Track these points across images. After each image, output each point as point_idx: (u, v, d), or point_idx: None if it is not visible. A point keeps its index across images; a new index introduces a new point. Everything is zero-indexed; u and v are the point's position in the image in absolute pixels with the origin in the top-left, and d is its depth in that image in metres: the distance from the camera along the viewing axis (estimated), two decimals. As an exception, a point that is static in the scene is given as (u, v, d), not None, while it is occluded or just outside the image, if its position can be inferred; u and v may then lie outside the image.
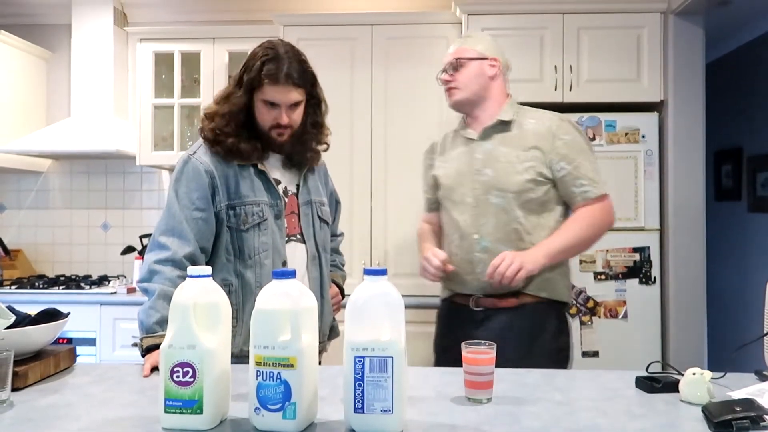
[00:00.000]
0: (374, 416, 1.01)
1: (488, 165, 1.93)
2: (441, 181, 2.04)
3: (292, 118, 1.67)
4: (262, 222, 1.67)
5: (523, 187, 1.89)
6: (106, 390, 1.28)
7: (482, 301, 1.91)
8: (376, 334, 1.03)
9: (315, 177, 1.85)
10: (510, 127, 1.96)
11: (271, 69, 1.62)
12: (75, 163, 3.75)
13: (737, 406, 1.07)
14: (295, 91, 1.65)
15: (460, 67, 1.98)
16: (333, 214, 1.95)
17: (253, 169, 1.69)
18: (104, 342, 3.05)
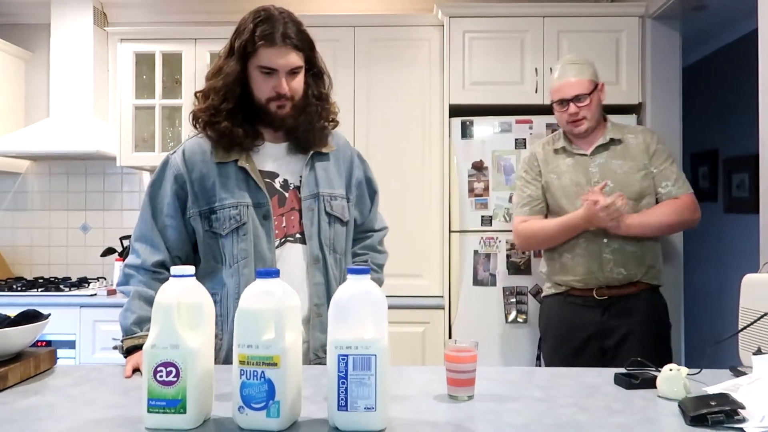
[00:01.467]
0: (358, 414, 1.02)
1: (606, 177, 2.25)
2: (556, 191, 2.32)
3: (292, 87, 1.52)
4: (240, 226, 1.52)
5: (639, 194, 2.25)
6: (87, 391, 1.27)
7: (605, 291, 2.24)
8: (359, 332, 1.03)
9: (328, 164, 1.63)
10: (616, 143, 2.30)
11: (266, 29, 1.47)
12: (54, 164, 3.71)
13: (712, 401, 1.09)
14: (294, 53, 1.49)
15: (584, 99, 2.25)
16: (369, 206, 1.75)
17: (234, 166, 1.54)
18: (84, 344, 3.03)
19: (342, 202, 1.63)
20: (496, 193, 2.91)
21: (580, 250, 2.26)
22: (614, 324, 2.24)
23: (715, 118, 4.21)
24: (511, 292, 2.89)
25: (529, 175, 2.39)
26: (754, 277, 1.53)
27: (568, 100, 2.27)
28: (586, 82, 2.27)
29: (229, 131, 1.51)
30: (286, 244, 1.56)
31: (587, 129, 2.29)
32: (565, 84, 2.27)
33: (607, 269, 2.23)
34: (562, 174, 2.32)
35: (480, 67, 3.01)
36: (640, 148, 2.29)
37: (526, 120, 2.92)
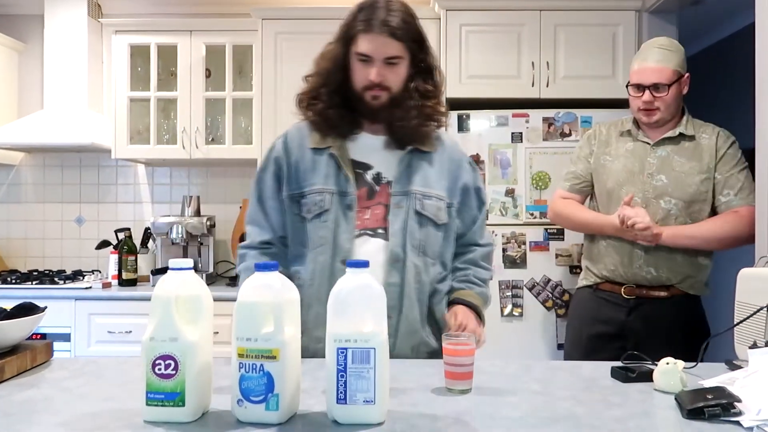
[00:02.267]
0: (357, 407, 1.02)
1: (662, 171, 2.11)
2: (606, 174, 2.19)
3: (386, 77, 1.47)
4: (323, 213, 1.50)
5: (693, 198, 2.10)
6: (84, 384, 1.27)
7: (634, 290, 2.13)
8: (358, 326, 1.04)
9: (428, 164, 1.56)
10: (687, 139, 2.14)
11: (366, 16, 1.45)
12: (48, 157, 3.69)
13: (709, 394, 1.10)
14: (392, 43, 1.44)
15: (662, 89, 2.09)
16: (474, 217, 1.65)
17: (327, 153, 1.53)
18: (79, 337, 3.02)
19: (437, 203, 1.55)
20: (492, 187, 2.91)
21: (613, 240, 2.16)
22: (638, 326, 2.14)
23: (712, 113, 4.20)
24: (507, 286, 2.89)
25: (583, 152, 2.29)
26: (749, 271, 1.54)
27: (645, 87, 2.10)
28: (669, 71, 2.09)
29: (324, 112, 1.52)
30: (362, 236, 1.51)
31: (658, 121, 2.13)
32: (646, 68, 2.10)
33: (636, 266, 2.12)
34: (618, 157, 2.19)
35: (477, 61, 3.00)
36: (710, 151, 2.12)
37: (522, 114, 2.92)
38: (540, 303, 2.89)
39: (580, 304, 2.31)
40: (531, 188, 2.91)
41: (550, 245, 2.90)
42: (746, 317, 1.39)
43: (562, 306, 2.88)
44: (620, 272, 2.16)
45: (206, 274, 3.29)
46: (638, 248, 2.11)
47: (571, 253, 2.90)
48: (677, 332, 2.11)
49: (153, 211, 3.64)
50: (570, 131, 2.92)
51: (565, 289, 2.90)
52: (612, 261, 2.17)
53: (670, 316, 2.12)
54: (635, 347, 2.02)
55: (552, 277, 2.89)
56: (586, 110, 2.94)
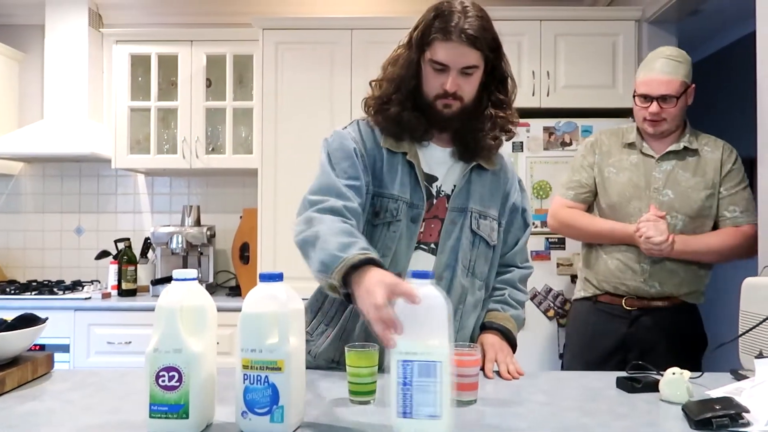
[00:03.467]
0: (421, 421, 1.00)
1: (668, 186, 2.11)
2: (611, 187, 2.18)
3: (461, 87, 1.39)
4: (393, 222, 1.42)
5: (698, 213, 2.10)
6: (86, 396, 1.26)
7: (635, 302, 2.13)
8: (422, 338, 1.01)
9: (488, 181, 1.50)
10: (690, 153, 2.13)
11: (443, 22, 1.36)
12: (48, 166, 3.68)
13: (716, 404, 1.09)
14: (470, 52, 1.36)
15: (670, 101, 2.07)
16: (517, 238, 1.59)
17: (402, 158, 1.44)
18: (78, 348, 3.00)
19: (492, 224, 1.50)
20: (493, 196, 2.91)
21: (618, 253, 2.13)
22: (640, 337, 2.12)
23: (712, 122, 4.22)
24: (508, 295, 2.88)
25: (586, 160, 2.25)
26: (754, 281, 1.53)
27: (653, 98, 2.07)
28: (677, 83, 2.06)
29: (398, 116, 1.43)
30: (417, 250, 1.45)
31: (663, 132, 2.12)
32: (654, 80, 2.07)
33: (640, 280, 2.11)
34: (622, 170, 2.16)
35: (477, 70, 3.00)
36: (714, 165, 2.11)
37: (523, 123, 2.91)
38: (542, 312, 2.89)
39: (579, 317, 2.28)
40: (532, 197, 2.91)
41: (552, 254, 2.90)
42: (752, 327, 1.39)
43: (564, 315, 2.88)
44: (625, 285, 2.14)
45: (206, 284, 3.28)
46: (644, 262, 2.10)
47: (573, 262, 2.90)
48: (677, 341, 2.10)
49: (153, 221, 3.64)
50: (570, 140, 2.93)
51: (566, 298, 2.89)
52: (615, 273, 2.15)
53: (670, 326, 2.12)
54: (638, 358, 1.99)
55: (553, 286, 2.88)
56: (586, 119, 2.95)
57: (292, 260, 3.25)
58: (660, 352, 2.08)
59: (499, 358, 1.45)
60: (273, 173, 3.07)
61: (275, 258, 3.02)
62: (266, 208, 3.07)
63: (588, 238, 2.26)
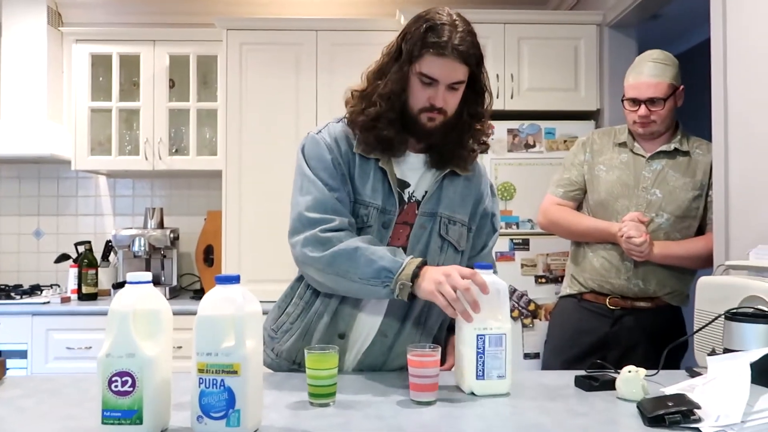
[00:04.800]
0: (492, 381, 1.28)
1: (657, 186, 2.13)
2: (600, 184, 2.20)
3: (447, 101, 1.39)
4: (364, 228, 1.42)
5: (685, 213, 2.12)
6: (39, 403, 1.23)
7: (619, 301, 2.16)
8: (491, 315, 1.28)
9: (459, 187, 1.50)
10: (681, 154, 2.15)
11: (437, 36, 1.34)
12: (4, 168, 3.59)
13: (669, 401, 1.11)
14: (461, 68, 1.36)
15: (658, 103, 2.10)
16: (483, 243, 1.59)
17: (375, 164, 1.44)
18: (36, 354, 2.93)
19: (461, 230, 1.50)
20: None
21: (603, 251, 2.16)
22: (621, 337, 2.14)
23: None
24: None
25: (577, 158, 2.28)
26: (708, 280, 1.57)
27: (641, 101, 2.11)
28: (665, 86, 2.09)
29: (389, 140, 1.42)
30: None
31: (653, 133, 2.15)
32: (642, 83, 2.10)
33: (624, 278, 2.12)
34: (612, 168, 2.19)
35: (442, 73, 3.02)
36: (704, 168, 2.12)
37: (487, 125, 2.94)
38: (506, 313, 2.91)
39: (563, 313, 2.30)
40: (501, 197, 2.94)
41: (516, 255, 2.93)
42: (703, 326, 1.42)
43: (528, 316, 2.91)
44: (609, 283, 2.16)
45: (169, 288, 3.23)
46: (628, 260, 2.12)
47: (536, 263, 2.93)
48: (659, 342, 2.05)
49: (115, 224, 3.57)
50: (534, 142, 2.96)
51: (530, 299, 2.92)
52: (600, 271, 2.17)
53: (653, 327, 2.13)
54: (619, 358, 2.07)
55: (518, 287, 2.91)
56: (549, 122, 2.99)
57: (256, 262, 3.22)
58: (640, 353, 2.09)
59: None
60: (237, 175, 3.04)
61: (240, 260, 2.99)
62: (231, 211, 3.04)
63: (575, 236, 2.29)
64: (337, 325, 1.46)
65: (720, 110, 1.94)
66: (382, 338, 1.46)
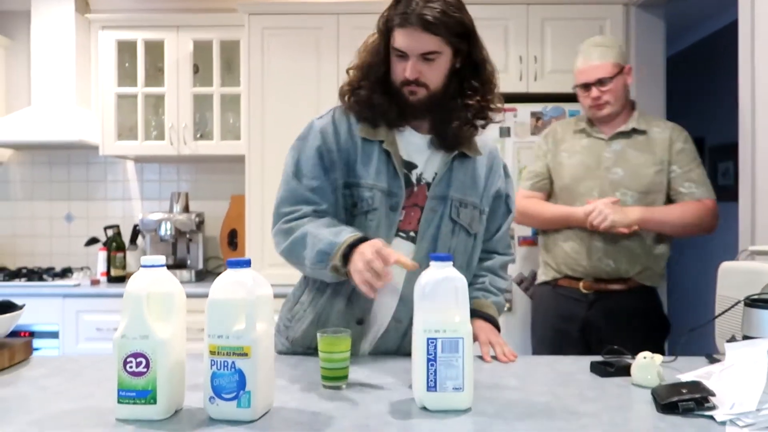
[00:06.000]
0: (446, 394, 1.07)
1: (618, 165, 2.19)
2: (563, 170, 2.26)
3: (424, 74, 1.38)
4: (370, 211, 1.42)
5: (648, 189, 2.16)
6: (62, 382, 1.27)
7: (592, 284, 2.18)
8: (446, 316, 1.08)
9: (468, 169, 1.48)
10: (639, 133, 2.21)
11: (402, 9, 1.36)
12: (36, 153, 3.67)
13: (684, 389, 1.10)
14: (428, 38, 1.35)
15: (607, 83, 2.16)
16: (499, 225, 1.59)
17: (378, 146, 1.44)
18: (67, 335, 3.01)
19: (473, 213, 1.49)
20: (480, 182, 2.90)
21: (571, 233, 2.21)
22: (599, 320, 2.18)
23: (702, 107, 4.22)
24: (495, 281, 2.89)
25: (541, 150, 2.36)
26: (730, 265, 1.54)
27: (590, 84, 2.18)
28: (609, 66, 2.17)
29: (369, 99, 1.43)
30: (396, 238, 1.44)
31: (610, 113, 2.20)
32: (588, 67, 2.18)
33: (595, 258, 2.17)
34: (574, 154, 2.26)
35: (464, 55, 2.99)
36: (662, 144, 2.19)
37: (510, 108, 2.91)
38: (529, 297, 2.89)
39: (541, 301, 2.36)
40: (519, 182, 2.90)
41: (538, 240, 2.90)
42: (723, 311, 1.39)
43: (551, 300, 2.88)
44: (580, 265, 2.20)
45: (195, 271, 3.28)
46: (597, 241, 2.16)
47: (560, 247, 2.90)
48: (637, 324, 2.16)
49: (142, 208, 3.63)
50: (558, 125, 2.91)
51: (553, 283, 2.89)
52: (571, 254, 2.22)
53: (629, 309, 2.16)
54: (599, 342, 2.10)
55: (540, 271, 2.88)
56: (574, 104, 2.90)
57: (279, 246, 3.22)
58: (619, 336, 2.03)
59: (492, 339, 1.48)
60: (260, 159, 3.06)
61: (263, 244, 3.02)
62: (254, 195, 3.07)
63: (543, 224, 2.35)
64: (354, 311, 1.46)
65: (746, 92, 1.89)
66: (396, 324, 1.47)
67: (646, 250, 2.17)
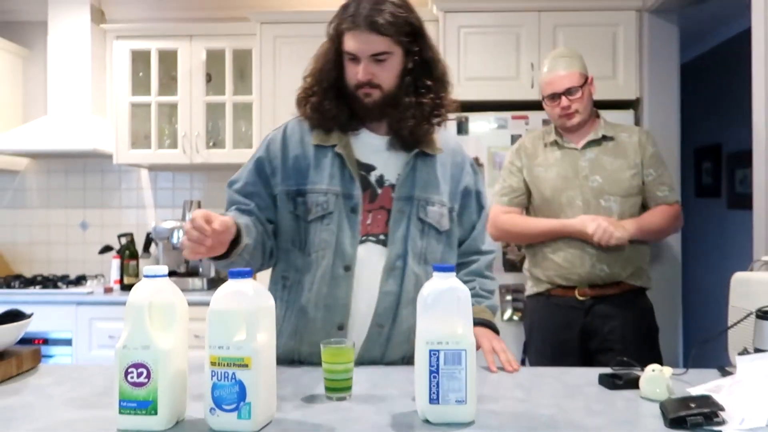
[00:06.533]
0: (449, 407, 1.05)
1: (595, 172, 2.23)
2: (542, 183, 2.28)
3: (377, 75, 1.41)
4: (326, 215, 1.43)
5: (628, 192, 2.23)
6: (68, 390, 1.27)
7: (587, 291, 2.20)
8: (449, 328, 1.07)
9: (432, 168, 1.50)
10: (608, 140, 2.27)
11: (350, 12, 1.40)
12: (52, 162, 3.72)
13: (692, 402, 1.07)
14: (377, 39, 1.38)
15: (575, 92, 2.22)
16: (474, 222, 1.59)
17: (332, 151, 1.46)
18: (80, 342, 3.03)
19: (441, 210, 1.50)
20: (491, 190, 2.87)
21: (562, 243, 2.21)
22: (597, 326, 2.21)
23: (719, 114, 4.17)
24: (507, 290, 2.87)
25: (514, 166, 2.37)
26: (742, 275, 1.51)
27: (559, 94, 2.23)
28: (576, 75, 2.23)
29: (320, 105, 1.45)
30: (366, 242, 1.46)
31: (579, 122, 2.25)
32: (556, 77, 2.23)
33: (589, 265, 2.19)
34: (550, 167, 2.28)
35: (475, 62, 2.98)
36: (633, 148, 2.26)
37: (522, 116, 2.90)
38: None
39: (535, 313, 2.34)
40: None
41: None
42: (735, 323, 1.37)
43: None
44: (575, 273, 2.20)
45: (207, 279, 3.29)
46: (589, 248, 2.17)
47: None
48: (633, 326, 2.19)
49: (156, 216, 3.66)
50: (570, 133, 2.89)
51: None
52: (563, 265, 2.22)
53: (625, 311, 2.20)
54: (598, 347, 2.17)
55: (552, 280, 2.86)
56: (586, 112, 2.91)
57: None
58: (618, 340, 2.16)
59: (496, 347, 1.47)
60: (272, 168, 3.07)
61: (274, 252, 3.02)
62: (265, 203, 3.07)
63: (530, 239, 2.34)
64: (333, 316, 1.45)
65: (760, 99, 1.86)
66: (378, 329, 1.46)
67: (633, 249, 2.21)
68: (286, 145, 1.50)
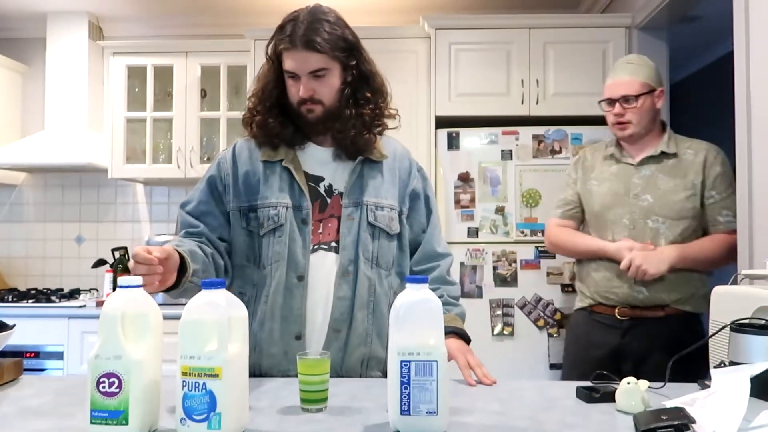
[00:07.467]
0: (420, 418, 1.06)
1: (647, 191, 2.11)
2: (593, 198, 2.22)
3: (317, 91, 1.46)
4: (277, 228, 1.48)
5: (680, 215, 2.08)
6: (46, 402, 1.27)
7: (627, 311, 2.11)
8: (421, 339, 1.07)
9: (379, 173, 1.55)
10: (669, 156, 2.13)
11: (287, 32, 1.44)
12: (49, 176, 3.74)
13: (664, 415, 1.07)
14: (313, 56, 1.43)
15: (632, 101, 2.11)
16: (424, 225, 1.62)
17: (280, 166, 1.51)
18: (72, 355, 3.04)
19: (390, 214, 1.54)
20: (482, 205, 2.91)
21: (602, 263, 2.15)
22: (633, 347, 2.11)
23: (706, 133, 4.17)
24: (497, 305, 2.87)
25: (571, 178, 2.33)
26: (723, 289, 1.51)
27: (615, 100, 2.13)
28: (637, 84, 2.11)
29: (264, 123, 1.50)
30: (318, 251, 1.49)
31: (632, 135, 2.14)
32: (616, 83, 2.14)
33: (627, 287, 2.10)
34: (603, 181, 2.21)
35: (466, 79, 3.01)
36: (696, 167, 2.10)
37: (512, 131, 2.92)
38: (531, 322, 2.86)
39: (576, 327, 2.30)
40: (521, 206, 2.90)
41: (541, 263, 2.88)
42: (708, 336, 1.37)
43: (554, 325, 2.85)
44: (613, 293, 2.14)
45: (200, 293, 3.29)
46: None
47: (563, 271, 2.87)
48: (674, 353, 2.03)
49: (151, 230, 3.68)
50: (560, 148, 2.91)
51: (556, 308, 2.86)
52: (602, 283, 2.16)
53: (667, 336, 2.06)
54: (632, 369, 2.04)
55: (543, 295, 2.86)
56: (576, 127, 2.93)
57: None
58: (653, 364, 2.03)
59: (471, 361, 1.48)
60: (265, 182, 3.09)
61: (266, 266, 3.03)
62: (258, 217, 3.08)
63: (576, 255, 2.31)
64: (290, 327, 1.47)
65: (743, 116, 1.87)
66: (336, 334, 1.48)
67: (681, 277, 2.08)
68: (235, 163, 1.54)
